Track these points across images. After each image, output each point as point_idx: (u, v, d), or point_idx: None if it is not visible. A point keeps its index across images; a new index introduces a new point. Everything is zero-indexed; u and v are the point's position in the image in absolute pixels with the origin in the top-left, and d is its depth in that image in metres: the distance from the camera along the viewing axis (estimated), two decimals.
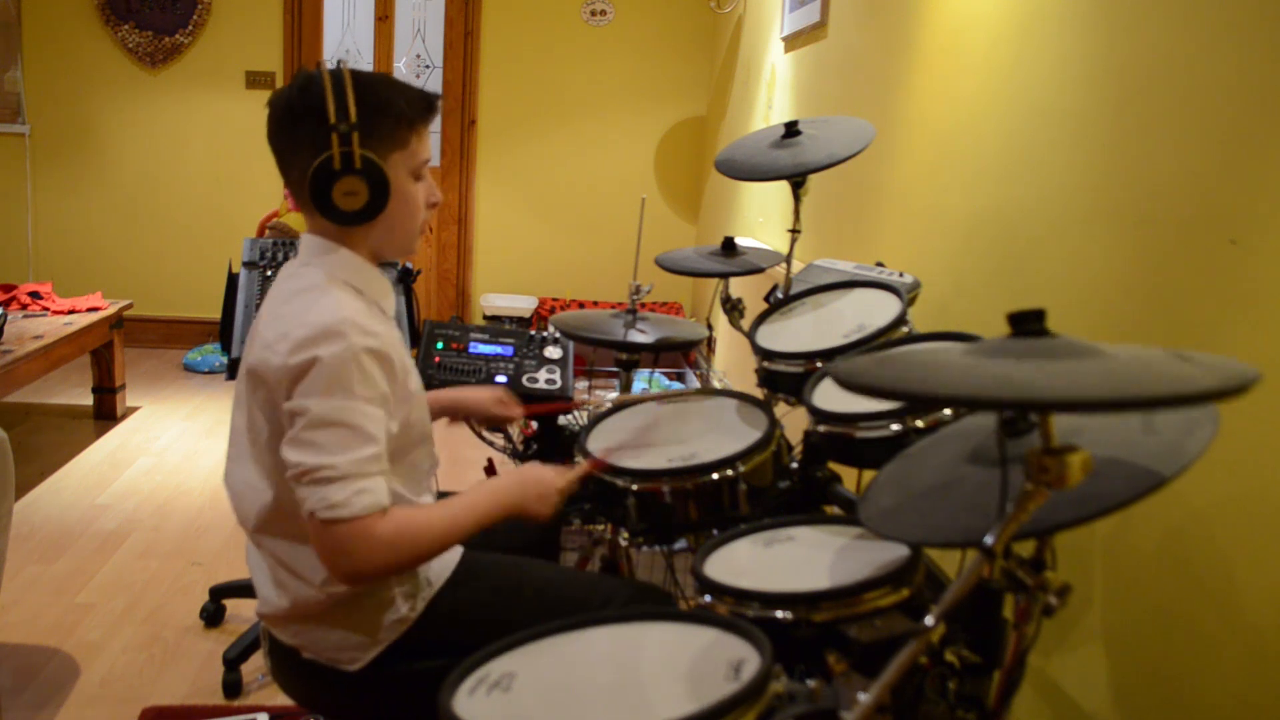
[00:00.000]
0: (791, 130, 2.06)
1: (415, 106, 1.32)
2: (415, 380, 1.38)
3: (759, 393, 1.81)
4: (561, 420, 2.24)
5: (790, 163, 1.98)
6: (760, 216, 4.05)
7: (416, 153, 1.34)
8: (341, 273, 1.32)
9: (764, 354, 1.80)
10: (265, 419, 1.28)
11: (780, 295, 2.05)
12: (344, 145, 1.26)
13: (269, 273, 2.54)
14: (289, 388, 1.22)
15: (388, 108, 1.30)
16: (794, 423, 1.67)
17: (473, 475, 2.87)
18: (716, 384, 3.99)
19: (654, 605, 1.47)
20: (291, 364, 1.21)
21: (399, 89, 1.32)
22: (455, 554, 1.45)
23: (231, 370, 2.27)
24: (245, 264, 2.56)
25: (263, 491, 1.32)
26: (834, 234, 3.05)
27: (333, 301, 1.25)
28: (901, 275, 2.03)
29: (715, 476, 1.46)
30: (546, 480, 1.40)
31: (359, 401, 1.21)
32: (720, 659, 1.02)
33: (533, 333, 2.27)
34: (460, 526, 1.30)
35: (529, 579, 1.49)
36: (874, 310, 1.79)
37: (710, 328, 4.03)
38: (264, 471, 1.31)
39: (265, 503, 1.32)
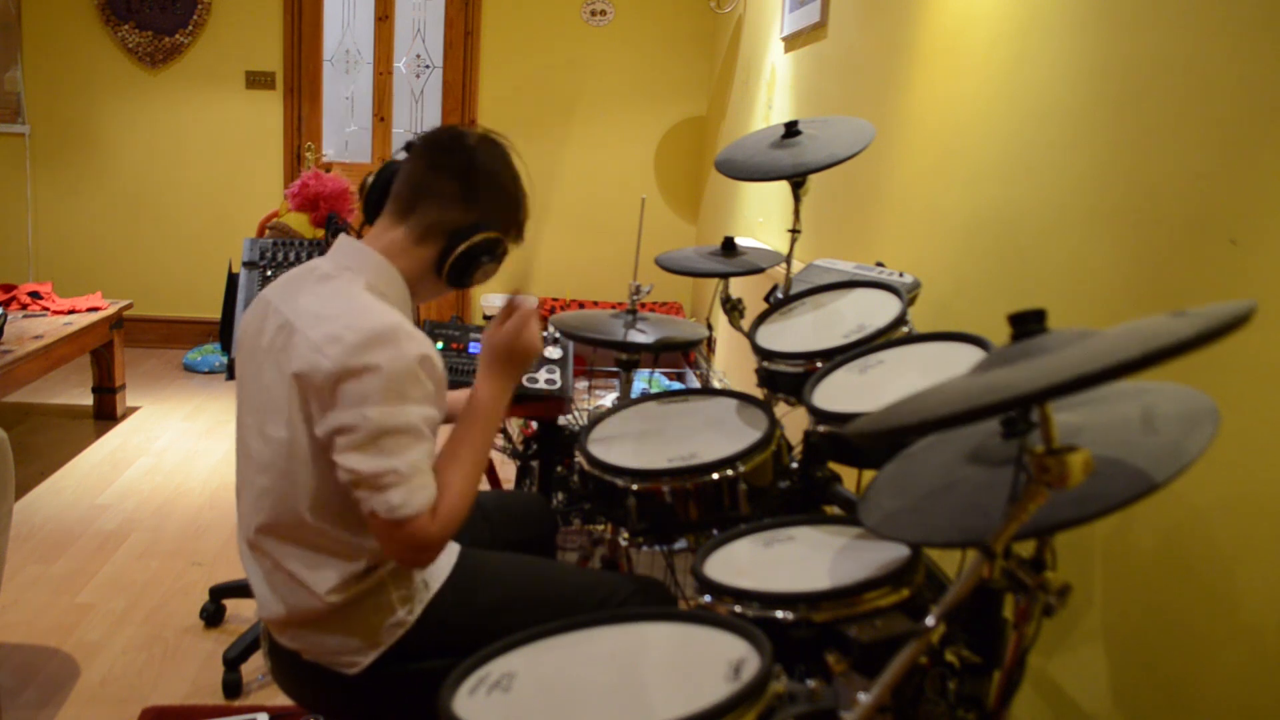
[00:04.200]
0: (791, 130, 2.06)
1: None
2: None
3: (759, 393, 1.81)
4: (561, 420, 2.25)
5: (790, 163, 1.98)
6: (760, 216, 4.05)
7: None
8: (381, 284, 1.35)
9: (764, 354, 1.80)
10: (303, 421, 1.28)
11: (780, 295, 2.05)
12: (515, 240, 1.42)
13: (269, 273, 2.54)
14: (333, 389, 1.22)
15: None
16: (794, 423, 1.67)
17: None
18: (716, 384, 3.99)
19: (654, 605, 1.47)
20: (347, 367, 1.22)
21: None
22: (451, 557, 1.45)
23: (231, 370, 2.27)
24: (245, 264, 2.56)
25: (286, 494, 1.31)
26: (834, 234, 3.05)
27: (378, 306, 1.29)
28: (901, 275, 2.03)
29: (715, 476, 1.46)
30: (518, 346, 1.40)
31: (413, 404, 1.24)
32: (720, 659, 1.02)
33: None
34: (483, 459, 1.36)
35: (527, 578, 1.49)
36: (874, 310, 1.79)
37: (710, 328, 4.03)
38: (293, 473, 1.30)
39: (289, 506, 1.31)
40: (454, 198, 1.35)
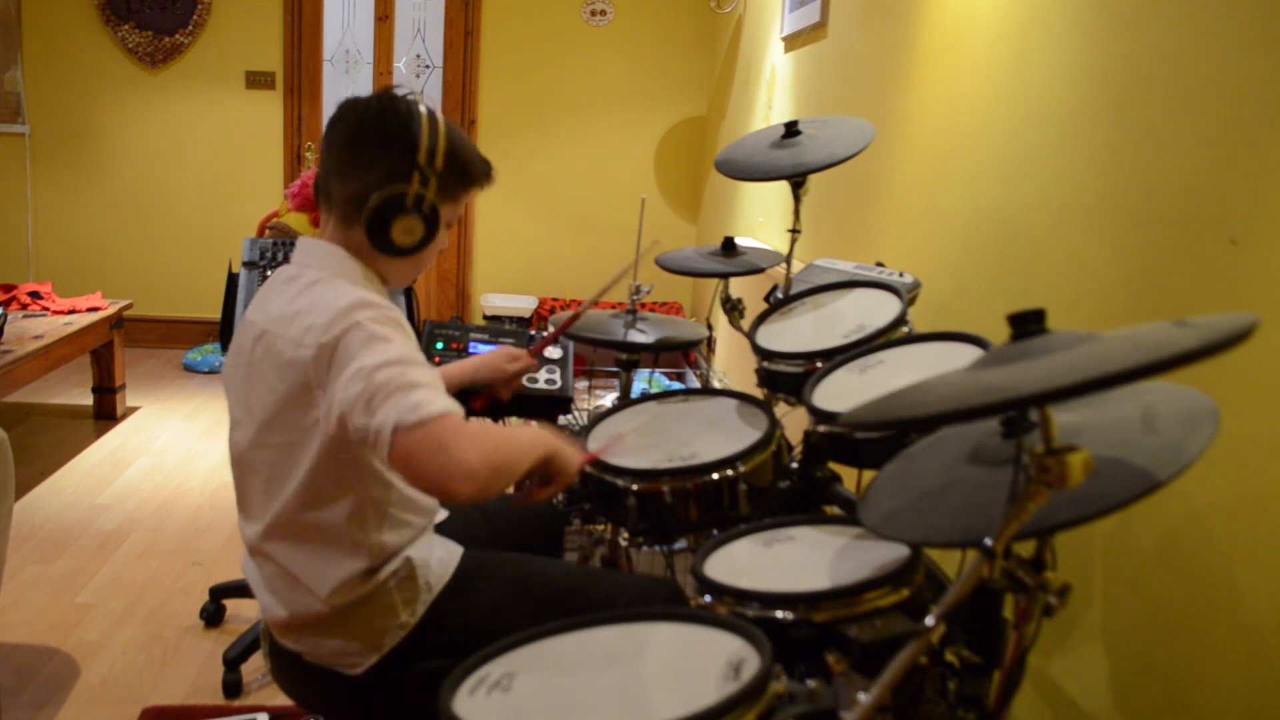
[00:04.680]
0: (791, 130, 2.06)
1: (482, 173, 1.42)
2: None
3: (759, 393, 1.81)
4: (561, 420, 2.25)
5: (790, 163, 1.98)
6: (760, 216, 4.05)
7: (459, 209, 1.42)
8: (344, 272, 1.35)
9: (764, 354, 1.80)
10: (301, 416, 1.27)
11: (780, 295, 2.05)
12: (423, 186, 1.32)
13: (269, 273, 2.54)
14: (325, 367, 1.22)
15: (466, 168, 1.38)
16: (794, 423, 1.67)
17: None
18: (716, 384, 3.98)
19: (655, 605, 1.47)
20: (325, 342, 1.21)
21: (475, 151, 1.41)
22: (455, 556, 1.45)
23: None
24: (245, 264, 2.56)
25: (289, 492, 1.31)
26: (834, 234, 3.05)
27: (343, 287, 1.29)
28: (901, 275, 2.03)
29: (715, 476, 1.46)
30: (573, 449, 1.38)
31: (398, 342, 1.22)
32: (720, 659, 1.02)
33: (533, 333, 2.28)
34: (517, 445, 1.25)
35: (531, 577, 1.49)
36: (874, 310, 1.79)
37: (710, 328, 4.03)
38: (293, 470, 1.30)
39: (289, 503, 1.31)
40: (348, 170, 1.33)
